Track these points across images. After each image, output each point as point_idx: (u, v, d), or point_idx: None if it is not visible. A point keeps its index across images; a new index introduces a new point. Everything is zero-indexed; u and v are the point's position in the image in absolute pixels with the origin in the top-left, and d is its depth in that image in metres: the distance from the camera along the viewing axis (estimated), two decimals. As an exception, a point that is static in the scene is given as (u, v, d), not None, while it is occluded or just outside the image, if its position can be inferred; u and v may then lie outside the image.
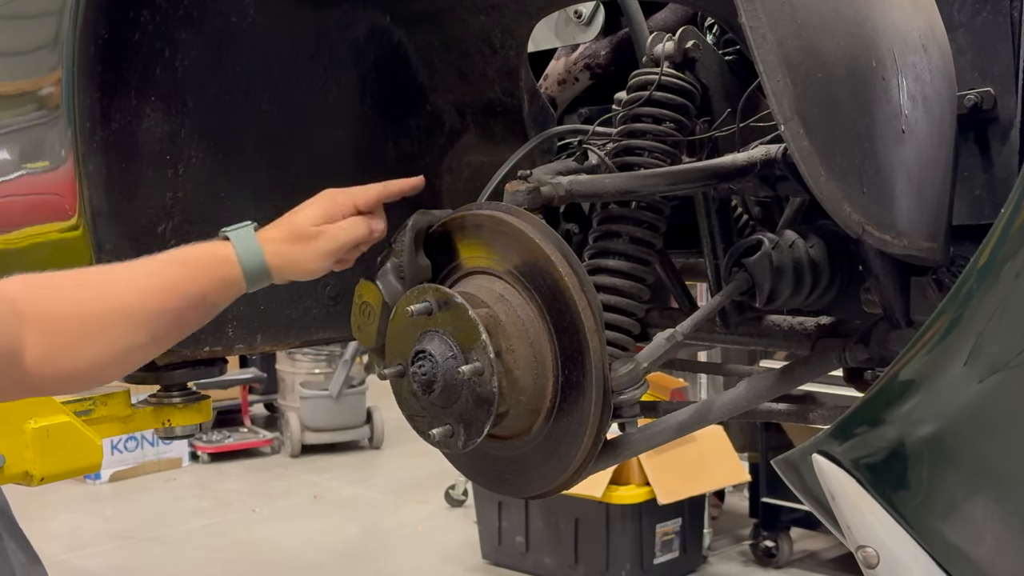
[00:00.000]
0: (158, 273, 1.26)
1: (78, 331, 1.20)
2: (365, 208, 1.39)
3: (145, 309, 1.24)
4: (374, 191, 1.40)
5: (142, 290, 1.24)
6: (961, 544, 1.03)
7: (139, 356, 1.27)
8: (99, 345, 1.22)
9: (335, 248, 1.34)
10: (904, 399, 1.00)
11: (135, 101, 1.54)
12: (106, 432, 2.19)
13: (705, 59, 1.37)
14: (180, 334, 1.30)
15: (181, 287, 1.26)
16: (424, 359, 1.22)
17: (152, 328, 1.25)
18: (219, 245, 1.31)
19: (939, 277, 1.20)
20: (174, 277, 1.26)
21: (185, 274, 1.27)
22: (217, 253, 1.30)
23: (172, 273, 1.27)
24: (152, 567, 4.88)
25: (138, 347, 1.25)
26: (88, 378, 1.26)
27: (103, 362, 1.23)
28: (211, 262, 1.29)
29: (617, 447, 1.33)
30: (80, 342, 1.20)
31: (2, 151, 1.74)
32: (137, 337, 1.24)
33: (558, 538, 4.34)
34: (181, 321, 1.28)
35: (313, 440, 6.67)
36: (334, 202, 1.36)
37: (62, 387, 1.28)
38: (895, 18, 1.07)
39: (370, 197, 1.39)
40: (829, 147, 0.97)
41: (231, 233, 1.32)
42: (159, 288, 1.25)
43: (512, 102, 1.72)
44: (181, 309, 1.26)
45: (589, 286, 1.20)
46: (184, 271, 1.27)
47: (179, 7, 1.55)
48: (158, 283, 1.25)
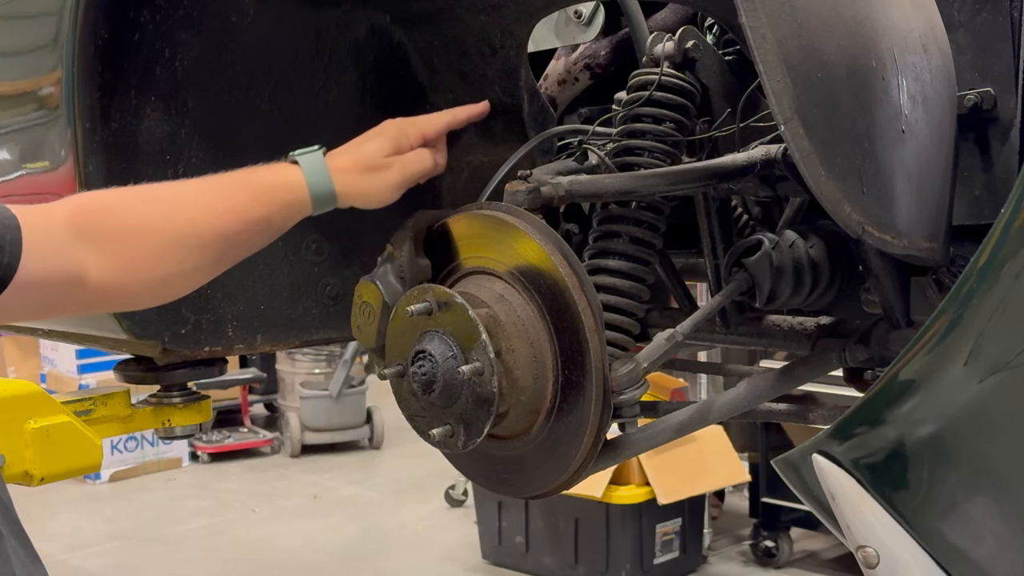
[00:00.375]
0: (228, 196, 1.26)
1: (146, 250, 1.21)
2: (433, 139, 1.38)
3: (213, 232, 1.24)
4: (442, 120, 1.40)
5: (211, 212, 1.25)
6: (961, 544, 1.03)
7: (203, 276, 1.29)
8: (165, 265, 1.23)
9: (403, 180, 1.34)
10: (904, 399, 1.01)
11: (135, 101, 1.54)
12: (106, 432, 2.19)
13: (705, 59, 1.37)
14: (244, 255, 1.31)
15: (250, 211, 1.26)
16: (424, 359, 1.22)
17: (218, 249, 1.25)
18: (288, 169, 1.30)
19: (939, 277, 1.20)
20: (243, 200, 1.26)
21: (254, 197, 1.27)
22: (287, 178, 1.29)
23: (242, 196, 1.27)
24: (152, 567, 4.88)
25: (203, 267, 1.26)
26: (152, 295, 1.27)
27: (168, 281, 1.25)
28: (281, 187, 1.29)
29: (617, 447, 1.33)
30: (147, 261, 1.21)
31: (2, 151, 1.74)
32: (203, 258, 1.25)
33: (558, 538, 4.34)
34: (247, 244, 1.29)
35: (313, 440, 6.67)
36: (403, 132, 1.36)
37: (127, 303, 1.30)
38: (895, 18, 1.07)
39: (438, 127, 1.39)
40: (829, 147, 0.97)
41: (300, 157, 1.31)
42: (228, 211, 1.25)
43: (512, 102, 1.72)
44: (248, 232, 1.27)
45: (589, 286, 1.20)
46: (253, 194, 1.27)
47: (179, 7, 1.55)
48: (227, 206, 1.25)
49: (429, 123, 1.39)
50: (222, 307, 1.68)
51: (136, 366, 2.01)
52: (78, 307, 1.24)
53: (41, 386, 2.32)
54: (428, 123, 1.39)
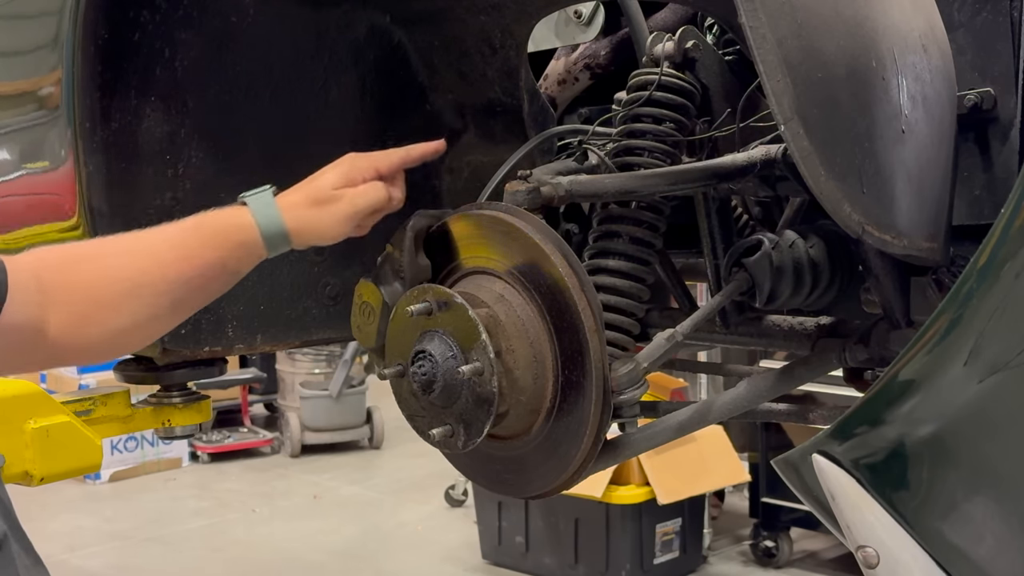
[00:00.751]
0: (178, 243, 1.26)
1: (100, 302, 1.21)
2: (387, 173, 1.38)
3: (166, 280, 1.24)
4: (396, 156, 1.39)
5: (162, 261, 1.25)
6: (961, 544, 1.03)
7: (161, 325, 1.29)
8: (121, 316, 1.22)
9: (354, 212, 1.33)
10: (904, 399, 1.00)
11: (135, 101, 1.54)
12: (106, 432, 2.18)
13: (705, 59, 1.37)
14: (203, 301, 1.30)
15: (201, 256, 1.26)
16: (424, 359, 1.22)
17: (172, 297, 1.25)
18: (237, 211, 1.30)
19: (939, 277, 1.20)
20: (193, 246, 1.26)
21: (204, 242, 1.27)
22: (235, 220, 1.29)
23: (191, 242, 1.27)
24: (152, 567, 4.88)
25: (159, 317, 1.26)
26: (111, 349, 1.27)
27: (126, 332, 1.24)
28: (230, 229, 1.28)
29: (617, 447, 1.33)
30: (102, 314, 1.21)
31: (2, 151, 1.74)
32: (158, 308, 1.25)
33: (558, 538, 4.34)
34: (202, 289, 1.28)
35: (313, 440, 6.66)
36: (355, 166, 1.35)
37: (85, 358, 1.29)
38: (895, 18, 1.07)
39: (392, 162, 1.38)
40: (829, 147, 0.97)
41: (249, 199, 1.31)
42: (179, 258, 1.25)
43: (512, 102, 1.72)
44: (202, 278, 1.27)
45: (589, 286, 1.20)
46: (203, 239, 1.27)
47: (179, 7, 1.55)
48: (177, 253, 1.25)
49: (384, 158, 1.38)
50: (222, 307, 1.68)
51: (136, 366, 2.01)
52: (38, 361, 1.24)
53: (41, 386, 2.32)
54: (382, 158, 1.38)
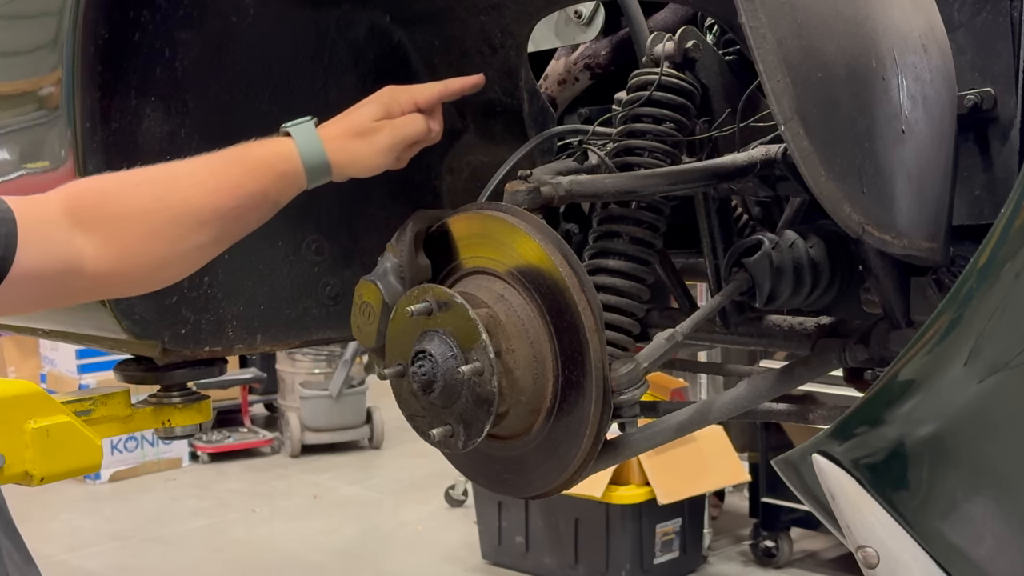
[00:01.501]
0: (220, 172, 1.26)
1: (142, 232, 1.21)
2: (425, 106, 1.38)
3: (209, 208, 1.24)
4: (435, 88, 1.39)
5: (205, 189, 1.24)
6: (961, 544, 1.03)
7: (202, 255, 1.28)
8: (162, 246, 1.22)
9: (393, 144, 1.33)
10: (904, 399, 1.00)
11: (135, 101, 1.54)
12: (106, 432, 2.18)
13: (705, 59, 1.37)
14: (242, 232, 1.30)
15: (243, 185, 1.26)
16: (424, 359, 1.22)
17: (215, 227, 1.25)
18: (280, 141, 1.30)
19: (939, 277, 1.20)
20: (236, 175, 1.26)
21: (247, 172, 1.27)
22: (278, 150, 1.29)
23: (234, 171, 1.26)
24: (152, 567, 4.88)
25: (201, 246, 1.26)
26: (151, 278, 1.27)
27: (168, 262, 1.25)
28: (273, 159, 1.28)
29: (617, 447, 1.33)
30: (144, 243, 1.21)
31: (2, 151, 1.74)
32: (200, 236, 1.25)
33: (558, 538, 4.34)
34: (243, 219, 1.28)
35: (313, 440, 6.66)
36: (393, 99, 1.36)
37: (127, 288, 1.29)
38: (895, 18, 1.07)
39: (431, 95, 1.38)
40: (829, 147, 0.97)
41: (292, 128, 1.31)
42: (221, 187, 1.25)
43: (512, 102, 1.72)
44: (243, 207, 1.26)
45: (589, 286, 1.20)
46: (246, 169, 1.27)
47: (179, 7, 1.55)
48: (220, 182, 1.25)
49: (421, 90, 1.39)
50: (222, 307, 1.68)
51: (136, 366, 2.02)
52: (76, 296, 1.24)
53: (41, 386, 2.32)
54: (420, 90, 1.39)
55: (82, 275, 1.18)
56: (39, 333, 2.15)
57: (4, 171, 1.73)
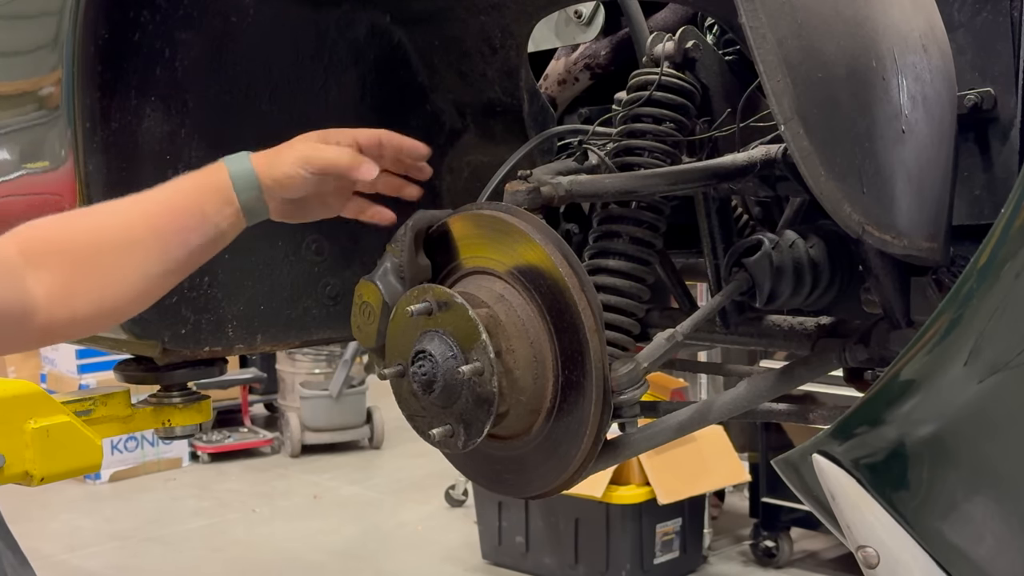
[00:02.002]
0: (159, 197, 1.28)
1: (90, 265, 1.21)
2: (364, 144, 1.38)
3: (153, 235, 1.25)
4: (374, 131, 1.40)
5: (146, 214, 1.26)
6: (961, 544, 1.03)
7: (154, 287, 1.28)
8: (113, 280, 1.22)
9: (308, 156, 1.32)
10: (904, 399, 1.00)
11: (135, 101, 1.54)
12: (106, 432, 2.18)
13: (705, 59, 1.37)
14: (188, 258, 1.29)
15: (182, 205, 1.27)
16: (424, 359, 1.22)
17: (161, 254, 1.25)
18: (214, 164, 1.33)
19: (939, 277, 1.20)
20: (169, 194, 1.28)
21: (179, 190, 1.29)
22: (210, 167, 1.32)
23: (168, 192, 1.28)
24: (152, 567, 4.88)
25: (153, 276, 1.26)
26: (102, 317, 1.26)
27: (117, 298, 1.24)
28: (204, 175, 1.30)
29: (617, 447, 1.33)
30: (95, 279, 1.21)
31: (2, 151, 1.74)
32: (148, 266, 1.25)
33: (558, 538, 4.34)
34: (187, 243, 1.28)
35: (313, 440, 6.66)
36: (333, 131, 1.37)
37: (75, 331, 1.27)
38: (895, 18, 1.07)
39: (370, 135, 1.39)
40: (829, 147, 0.97)
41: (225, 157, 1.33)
42: (160, 211, 1.26)
43: (512, 102, 1.72)
44: (185, 228, 1.27)
45: (589, 286, 1.19)
46: (178, 189, 1.29)
47: (179, 7, 1.55)
48: (159, 207, 1.27)
49: (363, 131, 1.40)
50: (222, 307, 1.68)
51: (136, 366, 2.01)
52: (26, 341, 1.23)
53: (41, 386, 2.32)
54: (362, 131, 1.39)
55: (35, 318, 1.18)
56: (39, 333, 2.15)
57: (4, 171, 1.73)
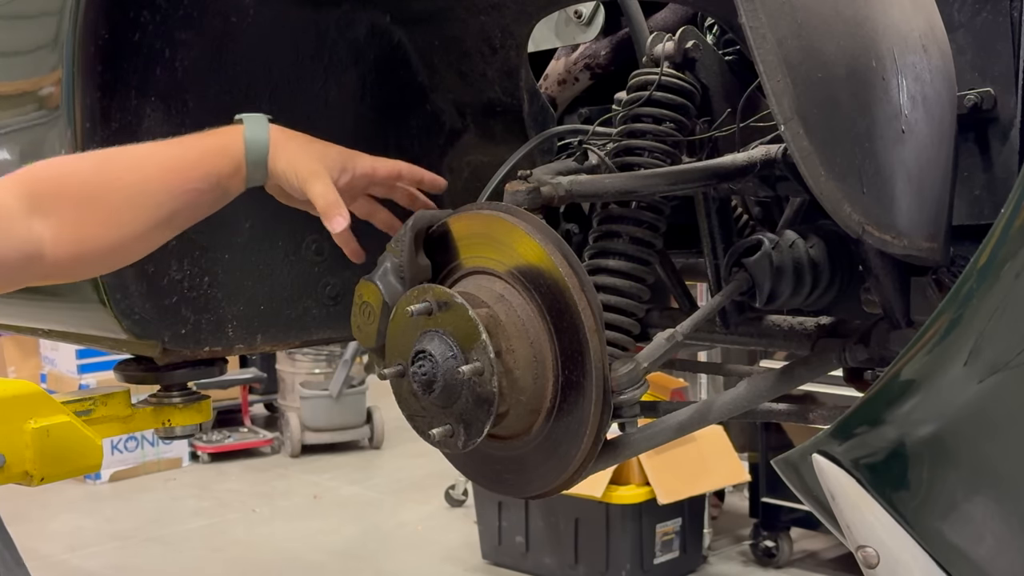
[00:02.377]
0: (177, 154, 1.28)
1: (101, 213, 1.23)
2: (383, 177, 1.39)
3: (165, 189, 1.26)
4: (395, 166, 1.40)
5: (162, 169, 1.27)
6: (961, 544, 1.03)
7: (155, 237, 1.30)
8: (120, 227, 1.24)
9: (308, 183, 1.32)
10: (904, 399, 1.00)
11: (135, 101, 1.54)
12: (106, 432, 2.18)
13: (705, 59, 1.37)
14: (193, 217, 1.31)
15: (199, 166, 1.28)
16: (424, 359, 1.22)
17: (169, 208, 1.27)
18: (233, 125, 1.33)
19: (939, 277, 1.20)
20: (192, 157, 1.29)
21: (202, 152, 1.29)
22: (230, 131, 1.32)
23: (190, 153, 1.29)
24: (152, 567, 4.88)
25: (155, 228, 1.27)
26: (108, 261, 1.28)
27: (124, 244, 1.26)
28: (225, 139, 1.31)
29: (617, 447, 1.33)
30: (102, 225, 1.23)
31: (2, 151, 1.74)
32: (156, 218, 1.26)
33: (558, 538, 4.34)
34: (196, 203, 1.29)
35: (313, 440, 6.67)
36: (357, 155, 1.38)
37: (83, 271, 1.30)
38: (895, 18, 1.07)
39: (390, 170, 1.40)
40: (829, 147, 0.97)
41: (246, 116, 1.34)
42: (177, 168, 1.27)
43: (512, 102, 1.72)
44: (198, 190, 1.28)
45: (589, 286, 1.19)
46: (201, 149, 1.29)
47: (179, 7, 1.55)
48: (176, 163, 1.27)
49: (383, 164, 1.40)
50: (222, 307, 1.68)
51: (136, 366, 2.02)
52: (34, 281, 1.25)
53: (41, 386, 2.32)
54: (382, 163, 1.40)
55: (42, 261, 1.19)
56: (39, 333, 2.15)
57: (4, 171, 1.73)
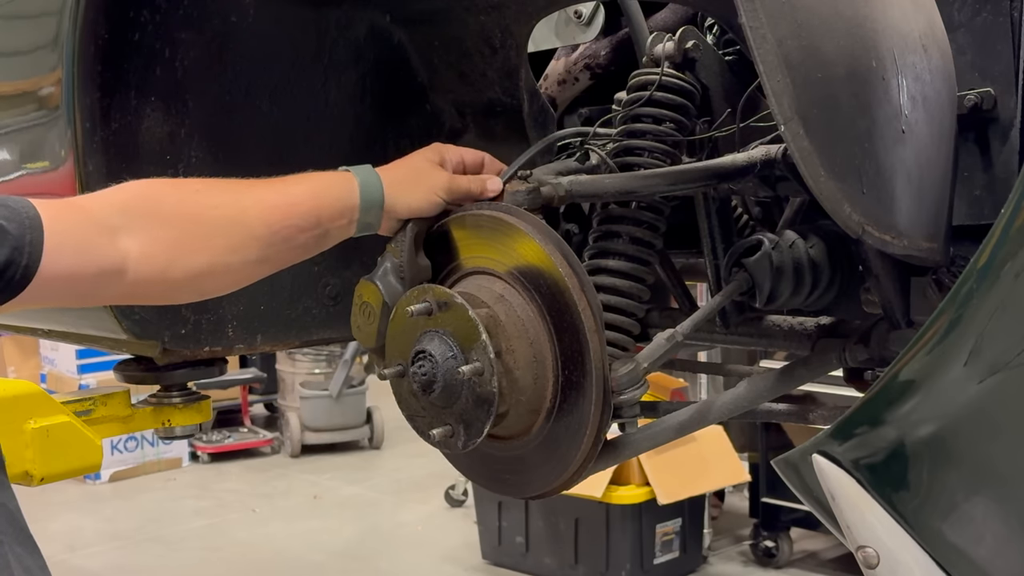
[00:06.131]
0: (281, 189, 1.26)
1: (193, 237, 1.21)
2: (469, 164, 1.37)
3: (263, 223, 1.23)
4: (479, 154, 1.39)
5: (264, 204, 1.24)
6: (961, 544, 1.03)
7: (247, 272, 1.27)
8: (210, 254, 1.21)
9: (453, 187, 1.31)
10: (904, 399, 1.01)
11: (135, 101, 1.54)
12: (106, 432, 2.19)
13: (705, 59, 1.37)
14: (288, 257, 1.29)
15: (301, 204, 1.25)
16: (424, 359, 1.22)
17: (265, 243, 1.24)
18: (339, 171, 1.31)
19: (939, 277, 1.20)
20: (296, 193, 1.26)
21: (306, 191, 1.26)
22: (339, 177, 1.29)
23: (295, 189, 1.26)
24: (152, 567, 4.88)
25: (248, 262, 1.24)
26: (193, 287, 1.25)
27: (213, 273, 1.23)
28: (333, 183, 1.28)
29: (617, 447, 1.33)
30: (192, 250, 1.20)
31: (2, 151, 1.74)
32: (250, 251, 1.23)
33: (558, 538, 4.34)
34: (293, 241, 1.26)
35: (313, 440, 6.66)
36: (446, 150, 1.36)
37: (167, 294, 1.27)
38: (895, 18, 1.07)
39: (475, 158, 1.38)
40: (829, 147, 0.97)
41: (352, 168, 1.31)
42: (280, 204, 1.24)
43: (512, 102, 1.72)
44: (297, 227, 1.25)
45: (589, 286, 1.19)
46: (306, 189, 1.27)
47: (179, 7, 1.55)
48: (280, 199, 1.25)
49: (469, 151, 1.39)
50: (222, 307, 1.68)
51: (136, 366, 2.02)
52: (115, 298, 1.24)
53: (41, 386, 2.32)
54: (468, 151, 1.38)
55: (122, 278, 1.18)
56: (39, 333, 2.15)
57: (4, 171, 1.73)
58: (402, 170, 1.33)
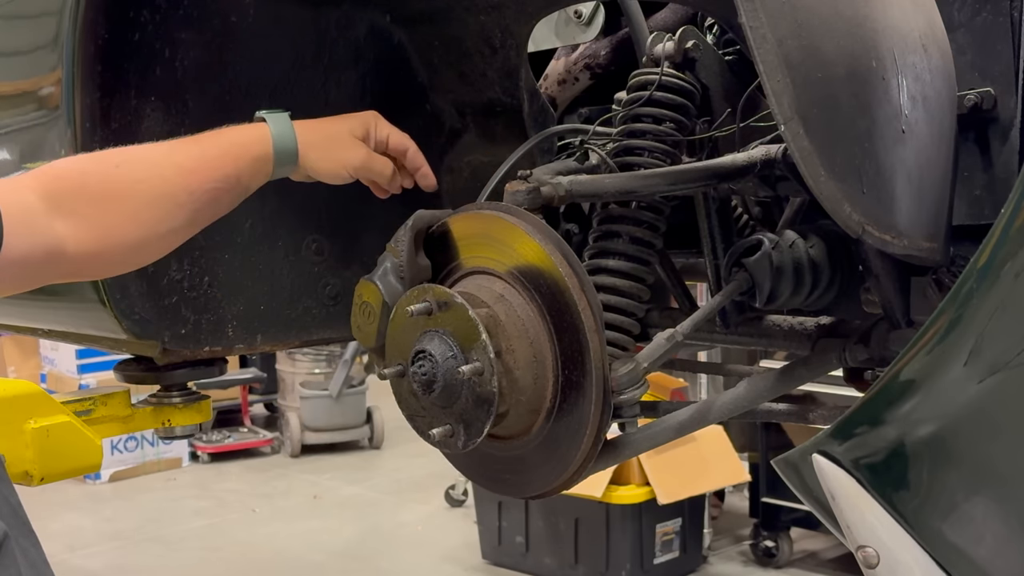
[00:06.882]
0: (198, 154, 1.29)
1: (122, 214, 1.23)
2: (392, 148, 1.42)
3: (186, 190, 1.27)
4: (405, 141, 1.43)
5: (183, 170, 1.27)
6: (962, 544, 1.03)
7: (176, 237, 1.31)
8: (141, 228, 1.25)
9: (364, 168, 1.36)
10: (904, 399, 1.01)
11: (135, 101, 1.54)
12: (106, 432, 2.19)
13: (705, 59, 1.37)
14: (213, 216, 1.33)
15: (220, 167, 1.29)
16: (424, 359, 1.22)
17: (190, 209, 1.28)
18: (255, 126, 1.34)
19: (939, 277, 1.20)
20: (213, 156, 1.29)
21: (223, 153, 1.30)
22: (255, 134, 1.33)
23: (211, 152, 1.29)
24: (152, 567, 4.88)
25: (176, 229, 1.29)
26: (128, 260, 1.30)
27: (145, 244, 1.27)
28: (249, 142, 1.32)
29: (617, 447, 1.33)
30: (124, 226, 1.24)
31: (2, 151, 1.74)
32: (177, 218, 1.27)
33: (558, 538, 4.34)
34: (217, 202, 1.31)
35: (313, 440, 6.66)
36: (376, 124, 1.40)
37: (104, 270, 1.31)
38: (895, 18, 1.07)
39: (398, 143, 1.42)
40: (829, 147, 0.97)
41: (267, 115, 1.34)
42: (199, 168, 1.28)
43: (512, 102, 1.72)
44: (219, 190, 1.29)
45: (589, 286, 1.19)
46: (222, 150, 1.30)
47: (179, 7, 1.55)
48: (198, 163, 1.28)
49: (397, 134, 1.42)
50: (222, 307, 1.68)
51: (136, 366, 2.01)
52: (58, 278, 1.27)
53: (41, 386, 2.32)
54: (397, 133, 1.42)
55: (63, 259, 1.20)
56: (39, 333, 2.15)
57: (4, 171, 1.73)
58: (320, 134, 1.37)
